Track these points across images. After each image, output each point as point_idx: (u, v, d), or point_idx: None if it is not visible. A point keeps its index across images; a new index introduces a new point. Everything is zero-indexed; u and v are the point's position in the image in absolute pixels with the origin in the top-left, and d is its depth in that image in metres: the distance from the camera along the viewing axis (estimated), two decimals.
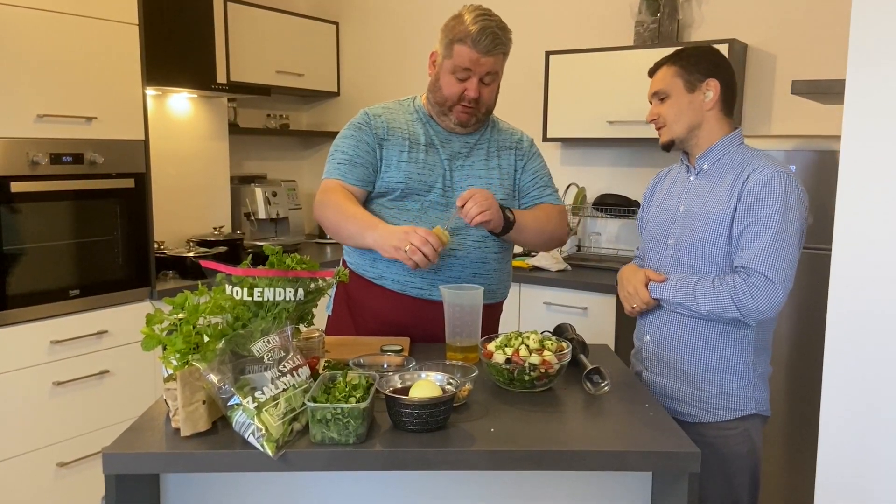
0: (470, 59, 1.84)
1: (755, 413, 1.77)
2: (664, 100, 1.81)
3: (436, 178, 1.93)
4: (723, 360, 1.75)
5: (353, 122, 1.98)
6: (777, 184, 1.66)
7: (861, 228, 1.20)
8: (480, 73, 1.86)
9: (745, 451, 1.77)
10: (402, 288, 1.90)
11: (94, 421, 2.79)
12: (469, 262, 1.92)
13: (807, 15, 3.13)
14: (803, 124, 3.17)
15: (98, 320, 2.79)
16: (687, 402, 1.78)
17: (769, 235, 1.64)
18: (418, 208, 1.92)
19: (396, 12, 4.19)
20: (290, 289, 1.43)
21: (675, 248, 1.79)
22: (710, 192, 1.76)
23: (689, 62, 1.79)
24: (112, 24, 2.80)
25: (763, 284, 1.63)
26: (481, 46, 1.83)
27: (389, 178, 1.92)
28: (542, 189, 2.07)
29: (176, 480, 1.41)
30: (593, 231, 3.72)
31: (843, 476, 1.24)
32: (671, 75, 1.80)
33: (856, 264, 1.21)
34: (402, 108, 2.01)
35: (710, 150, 1.79)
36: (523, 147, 2.07)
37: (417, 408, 1.30)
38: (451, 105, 1.91)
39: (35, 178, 2.59)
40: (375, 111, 1.99)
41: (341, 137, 1.98)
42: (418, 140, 1.96)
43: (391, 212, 1.93)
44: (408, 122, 1.98)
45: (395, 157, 1.93)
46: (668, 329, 1.80)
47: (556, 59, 3.44)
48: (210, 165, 3.70)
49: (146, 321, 1.35)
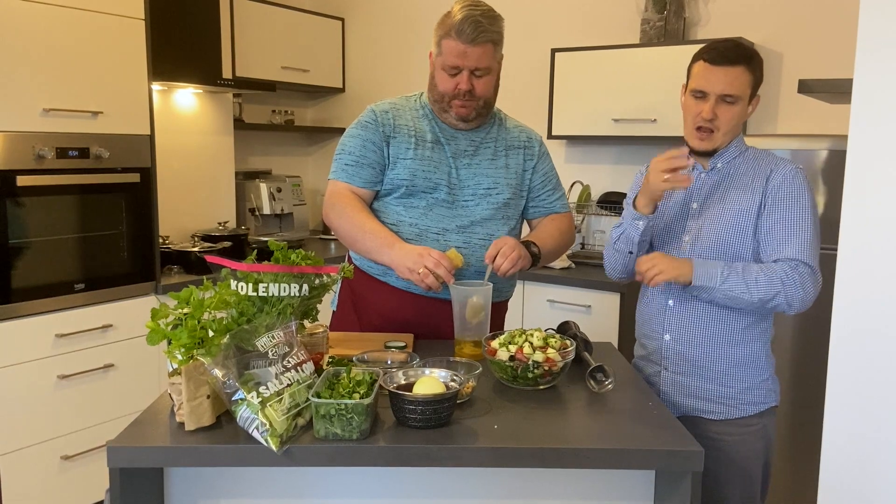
0: (457, 51, 1.82)
1: (774, 405, 1.80)
2: (731, 104, 1.69)
3: (441, 175, 1.92)
4: (747, 354, 1.76)
5: (360, 121, 1.97)
6: (801, 180, 1.70)
7: (867, 227, 1.19)
8: (469, 65, 1.83)
9: (764, 446, 1.79)
10: (406, 285, 1.88)
11: (99, 414, 2.80)
12: (475, 260, 1.92)
13: (814, 13, 3.12)
14: (810, 123, 3.16)
15: (103, 314, 2.80)
16: (712, 400, 1.78)
17: (808, 228, 1.67)
18: (424, 205, 1.91)
19: (401, 8, 4.18)
20: (295, 284, 1.43)
21: (694, 244, 1.76)
22: (727, 189, 1.76)
23: (760, 71, 1.72)
24: (118, 18, 2.80)
25: (809, 275, 1.65)
26: (465, 36, 1.79)
27: (395, 175, 1.91)
28: (550, 192, 2.07)
29: (180, 474, 1.42)
30: (597, 229, 3.72)
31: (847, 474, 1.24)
32: (747, 82, 1.69)
33: (861, 264, 1.20)
34: (409, 104, 2.00)
35: (727, 150, 1.78)
36: (534, 147, 2.05)
37: (421, 404, 1.30)
38: (448, 101, 1.89)
39: (41, 171, 2.60)
40: (382, 107, 1.97)
41: (348, 136, 1.97)
42: (425, 137, 1.94)
43: (397, 209, 1.92)
44: (414, 118, 1.97)
45: (401, 155, 1.91)
46: (690, 326, 1.77)
47: (562, 56, 3.43)
48: (215, 160, 3.70)
49: (151, 315, 1.36)
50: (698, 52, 1.74)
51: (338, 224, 1.92)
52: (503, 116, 2.07)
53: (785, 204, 1.68)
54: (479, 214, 1.94)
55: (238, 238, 3.50)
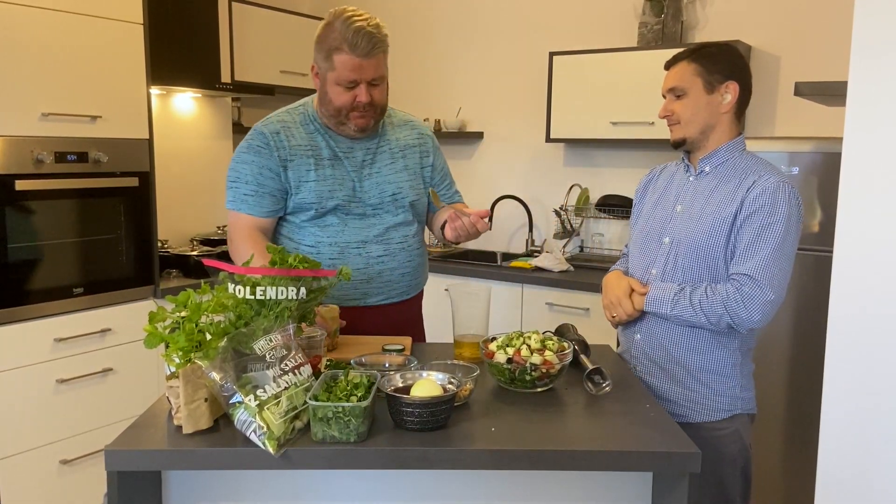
0: (352, 66, 1.80)
1: (743, 412, 1.78)
2: (680, 97, 1.76)
3: (346, 191, 1.92)
4: (713, 362, 1.75)
5: (252, 145, 1.92)
6: (782, 194, 1.66)
7: (862, 230, 1.20)
8: (366, 78, 1.82)
9: (737, 451, 1.77)
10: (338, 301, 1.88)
11: (97, 418, 2.80)
12: (398, 263, 1.98)
13: (810, 16, 3.13)
14: (806, 126, 3.16)
15: (101, 318, 2.81)
16: (677, 402, 1.78)
17: (772, 246, 1.64)
18: (338, 223, 1.92)
19: (397, 13, 4.19)
20: (293, 287, 1.43)
21: (671, 247, 1.78)
22: (710, 194, 1.75)
23: (711, 61, 1.74)
24: (117, 23, 2.81)
25: (758, 294, 1.63)
26: (360, 50, 1.78)
27: (301, 200, 1.89)
28: (448, 186, 2.16)
29: (178, 477, 1.42)
30: (596, 232, 3.72)
31: (844, 477, 1.25)
32: (691, 73, 1.75)
33: (857, 266, 1.21)
34: (298, 120, 1.96)
35: (715, 154, 1.77)
36: (427, 144, 2.08)
37: (418, 407, 1.30)
38: (346, 113, 1.87)
39: (40, 176, 2.60)
40: (271, 128, 1.93)
41: (241, 163, 1.92)
42: (322, 155, 1.92)
43: (313, 231, 1.92)
44: (307, 134, 1.94)
45: (303, 178, 1.89)
46: (659, 330, 1.79)
47: (560, 59, 3.44)
48: (214, 165, 3.71)
49: (149, 319, 1.36)
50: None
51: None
52: (389, 111, 2.04)
53: (757, 217, 1.66)
54: (392, 220, 1.97)
55: None
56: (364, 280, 1.93)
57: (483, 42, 3.96)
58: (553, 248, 3.69)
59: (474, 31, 3.99)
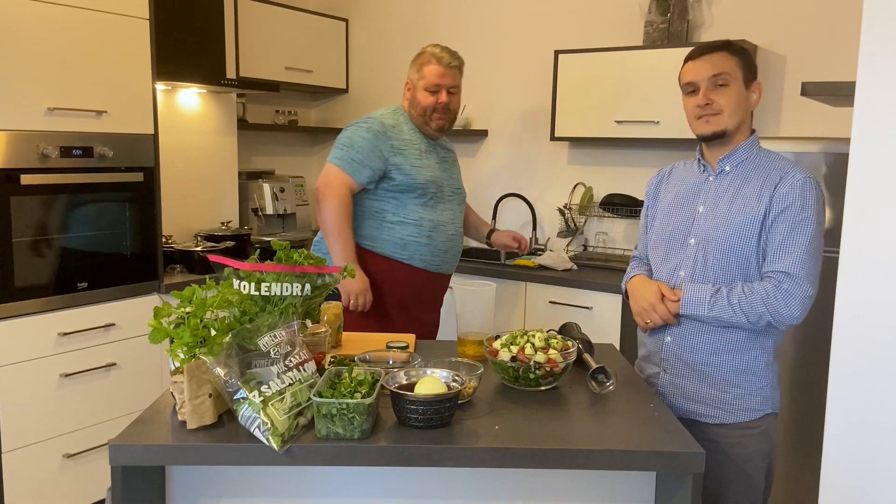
0: (437, 73, 2.39)
1: (773, 411, 1.78)
2: (724, 86, 1.70)
3: (438, 178, 2.42)
4: (746, 362, 1.74)
5: (372, 127, 2.34)
6: (810, 189, 1.66)
7: (869, 231, 1.20)
8: (447, 84, 2.40)
9: (765, 450, 1.77)
10: (425, 265, 2.40)
11: (101, 413, 2.81)
12: (459, 242, 2.51)
13: (817, 16, 3.12)
14: (813, 126, 3.15)
15: (106, 313, 2.81)
16: (709, 404, 1.77)
17: (805, 241, 1.64)
18: (432, 204, 2.39)
19: (405, 9, 4.19)
20: (298, 284, 1.44)
21: (698, 248, 1.76)
22: (736, 193, 1.73)
23: (748, 57, 1.73)
24: (123, 18, 2.81)
25: (798, 290, 1.63)
26: (444, 61, 2.40)
27: (412, 181, 2.32)
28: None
29: (181, 472, 1.42)
30: (600, 231, 3.71)
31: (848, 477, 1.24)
32: (734, 64, 1.70)
33: (864, 267, 1.21)
34: (402, 119, 2.44)
35: (735, 152, 1.75)
36: (454, 153, 2.64)
37: (422, 404, 1.30)
38: (429, 114, 2.40)
39: (45, 170, 2.61)
40: (388, 121, 2.38)
41: (359, 136, 2.32)
42: (422, 147, 2.42)
43: (416, 209, 2.35)
44: (411, 131, 2.42)
45: (415, 163, 2.35)
46: (691, 332, 1.76)
47: (565, 58, 3.43)
48: (218, 160, 3.71)
49: (154, 314, 1.36)
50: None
51: (328, 213, 2.29)
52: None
53: (788, 214, 1.65)
54: (459, 209, 2.53)
55: (241, 238, 3.50)
56: (446, 251, 2.44)
57: (488, 40, 3.96)
58: (557, 246, 3.68)
59: (479, 29, 3.98)
